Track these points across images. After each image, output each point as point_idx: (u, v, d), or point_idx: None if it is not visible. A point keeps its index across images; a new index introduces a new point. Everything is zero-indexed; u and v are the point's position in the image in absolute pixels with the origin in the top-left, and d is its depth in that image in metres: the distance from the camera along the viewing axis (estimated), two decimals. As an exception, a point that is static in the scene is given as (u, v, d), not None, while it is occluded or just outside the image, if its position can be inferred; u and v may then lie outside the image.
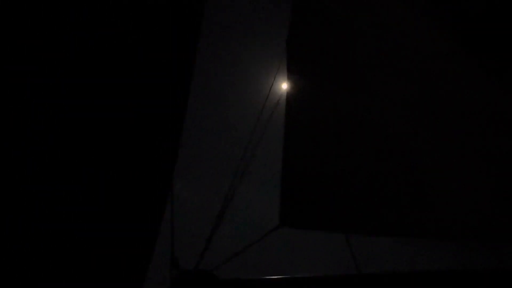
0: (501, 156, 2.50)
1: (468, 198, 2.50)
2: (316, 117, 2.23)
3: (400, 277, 2.14)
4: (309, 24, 2.38)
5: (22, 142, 2.22)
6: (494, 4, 2.78)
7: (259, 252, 2.18)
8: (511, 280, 2.13)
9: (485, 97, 2.60)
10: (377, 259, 2.47)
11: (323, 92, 2.27)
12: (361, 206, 2.30)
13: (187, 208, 2.23)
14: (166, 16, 2.50)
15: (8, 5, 2.34)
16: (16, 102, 2.24)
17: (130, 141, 2.31)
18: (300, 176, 2.27)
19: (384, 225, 2.36)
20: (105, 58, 2.45)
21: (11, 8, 2.32)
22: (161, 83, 2.39)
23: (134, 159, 2.22)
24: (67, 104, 2.36)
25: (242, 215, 2.37)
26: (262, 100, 2.39)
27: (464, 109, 2.57)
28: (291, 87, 2.24)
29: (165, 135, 2.27)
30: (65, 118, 2.31)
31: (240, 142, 2.28)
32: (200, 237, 2.17)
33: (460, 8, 2.70)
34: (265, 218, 2.28)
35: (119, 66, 2.44)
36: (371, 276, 2.16)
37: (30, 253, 2.02)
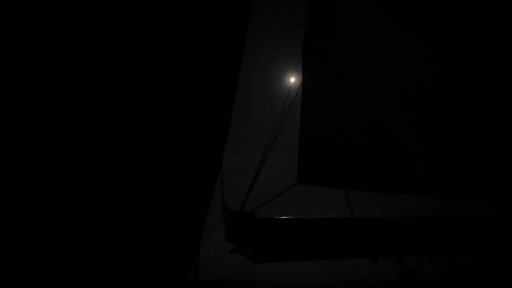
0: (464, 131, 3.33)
1: (437, 163, 3.35)
2: (325, 102, 3.09)
3: (384, 221, 3.02)
4: (319, 34, 3.16)
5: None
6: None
7: (283, 201, 3.10)
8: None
9: (453, 87, 3.38)
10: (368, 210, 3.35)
11: (329, 85, 3.10)
12: (357, 169, 3.19)
13: (232, 172, 3.12)
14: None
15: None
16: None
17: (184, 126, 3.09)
18: (312, 147, 3.16)
19: (374, 183, 3.25)
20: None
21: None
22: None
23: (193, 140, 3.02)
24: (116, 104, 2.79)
25: (272, 174, 3.27)
26: (285, 93, 3.23)
27: (436, 97, 3.38)
28: (306, 82, 3.07)
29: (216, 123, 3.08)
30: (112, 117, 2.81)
31: (268, 124, 3.14)
32: (242, 191, 3.07)
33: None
34: (288, 177, 3.19)
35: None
36: (363, 219, 3.03)
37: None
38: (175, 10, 2.91)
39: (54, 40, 2.55)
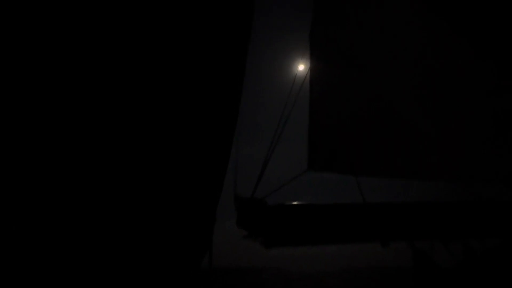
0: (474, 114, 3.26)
1: (452, 148, 3.30)
2: (334, 88, 3.08)
3: (395, 206, 3.00)
4: (327, 22, 3.14)
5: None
6: None
7: (293, 191, 3.12)
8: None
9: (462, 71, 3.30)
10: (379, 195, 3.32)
11: (339, 71, 3.08)
12: (369, 155, 3.18)
13: (245, 160, 3.15)
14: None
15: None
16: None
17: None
18: (322, 133, 3.16)
19: (386, 168, 3.23)
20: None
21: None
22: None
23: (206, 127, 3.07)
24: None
25: (282, 163, 3.30)
26: (291, 80, 3.23)
27: (450, 81, 3.32)
28: (314, 69, 3.07)
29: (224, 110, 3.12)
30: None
31: (276, 111, 3.15)
32: (252, 179, 3.11)
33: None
34: (297, 165, 3.20)
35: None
36: (375, 203, 3.02)
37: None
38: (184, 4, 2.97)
39: (67, 40, 2.68)
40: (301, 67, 3.30)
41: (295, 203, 2.90)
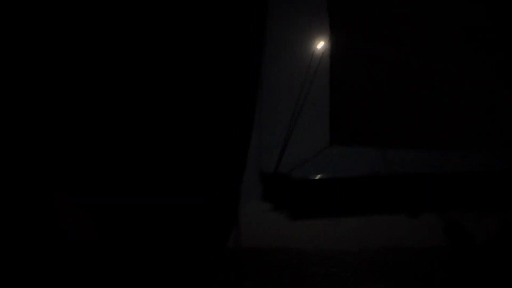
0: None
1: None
2: (356, 59, 3.02)
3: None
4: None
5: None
6: None
7: (316, 163, 3.11)
8: None
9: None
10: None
11: (358, 41, 3.01)
12: (395, 125, 3.11)
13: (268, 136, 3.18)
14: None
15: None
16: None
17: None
18: (344, 108, 3.12)
19: (412, 139, 3.14)
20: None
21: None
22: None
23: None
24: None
25: (305, 138, 3.30)
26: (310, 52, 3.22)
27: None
28: (333, 41, 3.02)
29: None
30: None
31: (297, 85, 3.15)
32: (275, 155, 3.13)
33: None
34: (318, 140, 3.18)
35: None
36: (403, 174, 2.92)
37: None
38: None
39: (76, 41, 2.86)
40: (320, 40, 3.27)
41: (319, 176, 2.89)
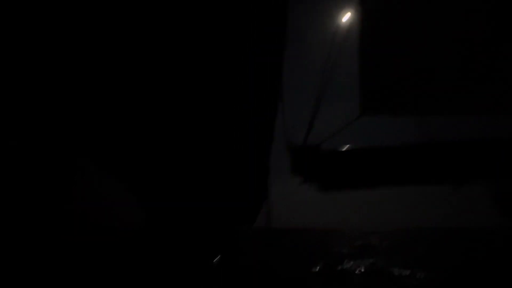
0: None
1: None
2: (384, 27, 2.90)
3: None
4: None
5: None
6: None
7: (346, 135, 3.03)
8: None
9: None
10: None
11: (390, 7, 2.89)
12: (423, 94, 2.97)
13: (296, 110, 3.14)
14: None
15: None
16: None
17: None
18: (373, 78, 3.01)
19: (449, 106, 2.99)
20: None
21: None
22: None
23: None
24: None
25: (334, 110, 3.21)
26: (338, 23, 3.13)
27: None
28: (362, 8, 2.92)
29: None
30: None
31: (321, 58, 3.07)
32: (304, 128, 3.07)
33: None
34: (349, 112, 3.09)
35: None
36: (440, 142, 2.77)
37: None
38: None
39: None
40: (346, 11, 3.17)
41: (349, 146, 2.81)
